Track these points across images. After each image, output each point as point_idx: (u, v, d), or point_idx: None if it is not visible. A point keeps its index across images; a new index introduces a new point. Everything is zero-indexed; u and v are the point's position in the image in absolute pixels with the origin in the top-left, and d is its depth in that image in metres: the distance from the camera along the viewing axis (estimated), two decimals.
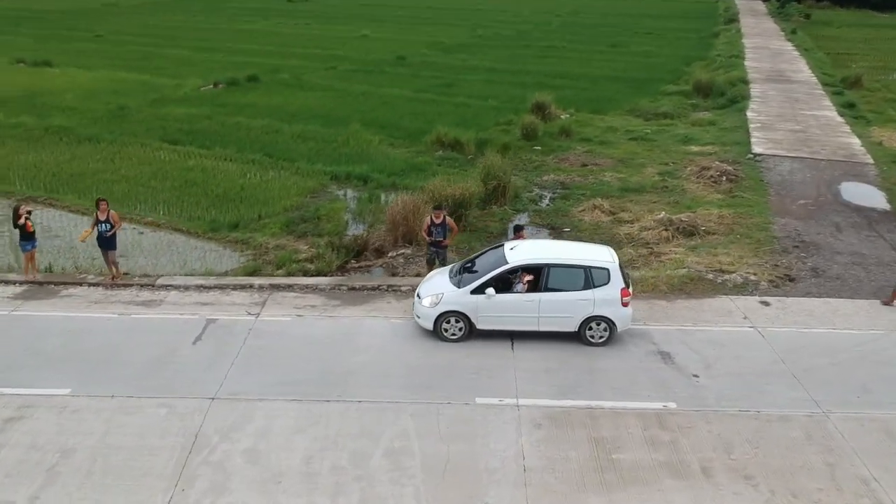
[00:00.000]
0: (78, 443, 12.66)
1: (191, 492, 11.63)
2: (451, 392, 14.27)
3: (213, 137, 33.07)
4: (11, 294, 17.82)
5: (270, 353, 15.48)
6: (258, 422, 13.31)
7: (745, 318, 17.38)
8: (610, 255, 16.16)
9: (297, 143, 33.11)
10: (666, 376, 15.04)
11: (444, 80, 47.45)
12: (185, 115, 36.86)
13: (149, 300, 17.63)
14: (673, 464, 12.54)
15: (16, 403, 13.65)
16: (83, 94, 41.17)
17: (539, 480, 12.05)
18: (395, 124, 36.04)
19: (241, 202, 25.91)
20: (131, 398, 13.88)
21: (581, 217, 25.44)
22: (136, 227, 24.02)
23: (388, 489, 11.79)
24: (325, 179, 28.78)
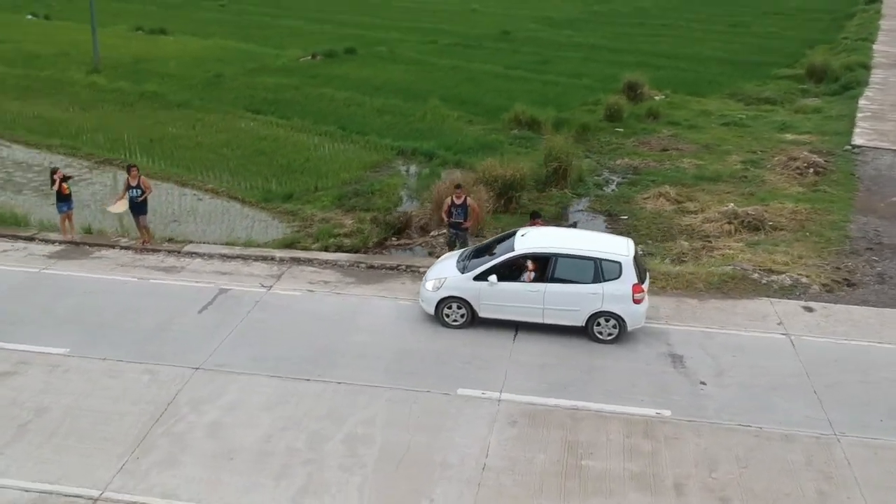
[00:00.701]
0: (55, 402, 12.99)
1: (143, 461, 11.73)
2: (435, 380, 13.82)
3: (294, 108, 33.47)
4: (48, 252, 18.53)
5: (269, 327, 15.45)
6: (231, 395, 13.28)
7: (780, 324, 16.02)
8: (625, 248, 15.19)
9: (374, 116, 33.04)
10: (669, 381, 14.05)
11: (542, 56, 46.36)
12: (274, 85, 37.46)
13: (171, 266, 17.95)
14: (645, 476, 11.67)
15: (14, 359, 14.15)
16: (187, 61, 42.51)
17: (494, 481, 11.48)
18: (477, 101, 35.45)
19: (303, 173, 26.08)
20: (121, 362, 14.13)
21: (644, 205, 24.27)
22: (197, 194, 24.56)
23: (334, 476, 11.51)
24: (390, 154, 28.60)
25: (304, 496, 11.14)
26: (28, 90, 35.91)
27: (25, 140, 29.29)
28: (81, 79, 37.93)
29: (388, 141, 29.65)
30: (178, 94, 35.38)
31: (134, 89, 36.03)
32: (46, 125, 30.71)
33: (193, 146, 28.74)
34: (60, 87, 36.49)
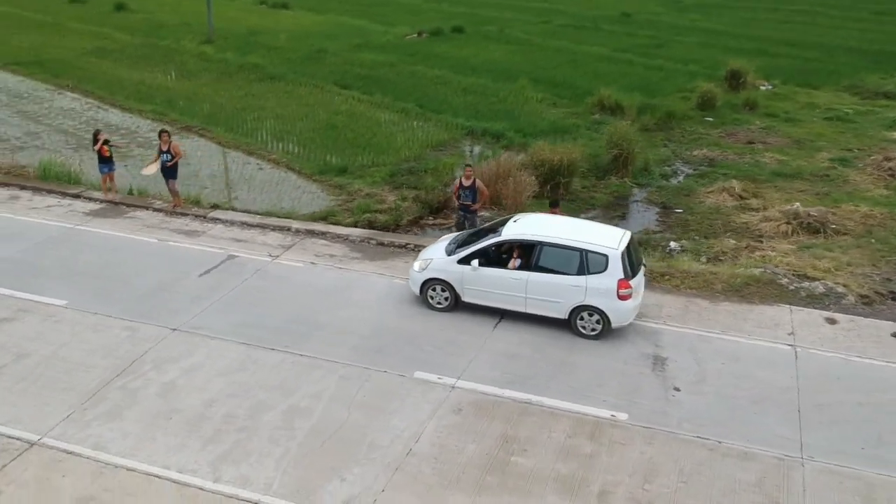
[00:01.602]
0: (36, 349, 13.78)
1: (90, 412, 12.27)
2: (398, 361, 13.72)
3: (381, 84, 33.80)
4: (88, 210, 19.63)
5: (260, 295, 15.76)
6: (196, 358, 13.67)
7: (791, 334, 14.85)
8: (616, 241, 14.46)
9: (457, 95, 32.93)
10: (642, 384, 13.33)
11: (657, 40, 44.69)
12: (370, 62, 37.94)
13: (193, 230, 18.61)
14: (572, 480, 11.16)
15: (18, 306, 15.12)
16: (297, 35, 43.71)
17: (414, 468, 11.29)
18: (570, 83, 34.68)
19: (365, 148, 26.37)
20: (109, 318, 14.81)
21: (705, 199, 23.03)
22: (259, 164, 25.31)
23: (260, 445, 11.66)
24: (459, 133, 28.44)
25: (223, 462, 11.32)
26: (142, 58, 37.96)
27: (122, 104, 31.00)
28: (193, 48, 39.72)
29: (460, 120, 29.45)
30: (276, 67, 36.38)
31: (237, 60, 37.37)
32: (146, 91, 32.39)
33: (272, 117, 29.53)
34: (171, 56, 38.34)
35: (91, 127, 27.85)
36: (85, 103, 31.32)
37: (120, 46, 40.26)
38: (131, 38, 42.11)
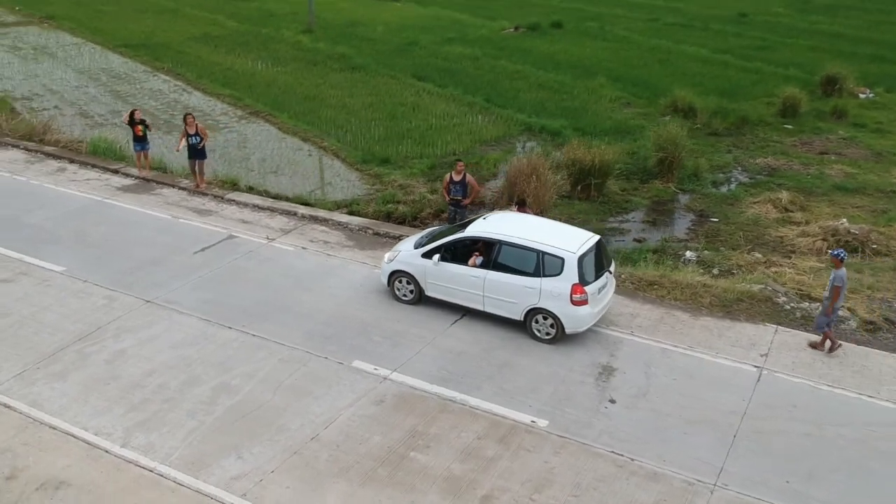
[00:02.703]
0: (19, 310, 14.88)
1: (40, 372, 13.17)
2: (342, 348, 13.93)
3: (457, 77, 33.99)
4: (121, 185, 20.87)
5: (240, 275, 16.34)
6: (155, 330, 14.36)
7: (764, 356, 14.03)
8: (577, 245, 14.07)
9: (530, 90, 32.73)
10: (577, 393, 12.98)
11: (765, 42, 42.67)
12: (456, 55, 38.17)
13: (207, 210, 19.45)
14: (461, 482, 11.06)
15: (20, 269, 16.34)
16: (394, 27, 44.45)
17: (312, 453, 11.51)
18: (651, 83, 33.74)
19: (417, 140, 26.71)
20: (95, 286, 15.77)
21: (747, 209, 21.97)
22: (311, 150, 26.15)
23: (177, 417, 12.17)
24: (517, 129, 28.24)
25: (137, 429, 11.89)
26: (241, 45, 39.67)
27: (205, 88, 32.59)
28: (290, 37, 41.14)
29: (522, 116, 29.26)
30: (362, 58, 37.18)
31: (327, 50, 38.46)
32: (232, 76, 33.89)
33: (339, 106, 30.27)
34: (267, 44, 39.86)
35: (172, 109, 29.50)
36: (174, 86, 33.06)
37: (225, 33, 42.18)
38: (238, 26, 44.02)
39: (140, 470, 11.13)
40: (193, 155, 19.87)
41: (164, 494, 10.69)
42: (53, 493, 10.66)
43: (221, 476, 11.01)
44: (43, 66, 35.66)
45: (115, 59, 37.33)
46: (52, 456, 11.36)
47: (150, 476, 11.02)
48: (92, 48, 39.28)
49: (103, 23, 43.99)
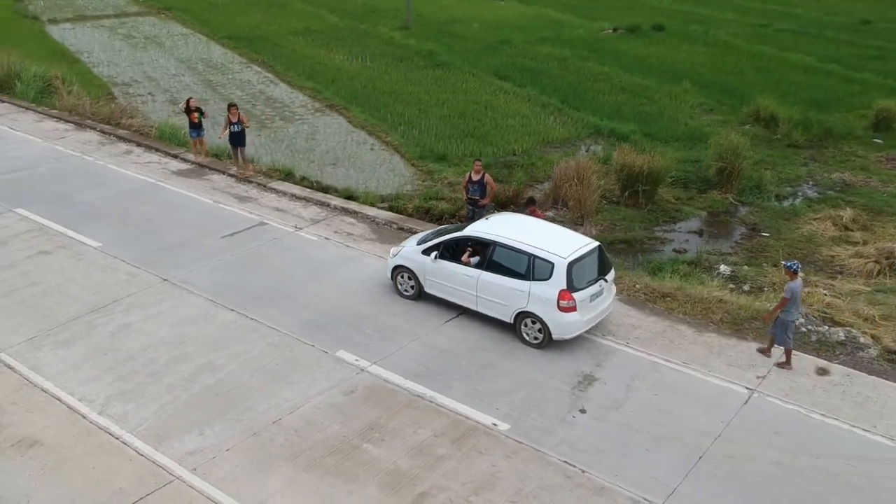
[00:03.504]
0: (48, 280, 15.98)
1: (49, 339, 14.11)
2: (330, 338, 14.25)
3: (539, 77, 33.82)
4: (176, 169, 21.96)
5: (258, 261, 16.93)
6: (162, 307, 15.12)
7: (760, 378, 13.46)
8: (570, 250, 13.87)
9: (609, 93, 32.23)
10: (549, 399, 12.85)
11: (880, 52, 40.32)
12: (544, 55, 37.95)
13: (247, 196, 20.22)
14: (404, 476, 11.19)
15: (60, 243, 17.52)
16: (491, 25, 44.54)
17: (270, 435, 11.89)
18: (739, 91, 32.55)
19: (479, 138, 26.84)
20: (122, 262, 16.74)
21: (804, 225, 21.02)
22: (374, 144, 26.67)
23: (156, 391, 12.80)
24: (585, 132, 27.94)
25: (116, 397, 12.60)
26: (336, 40, 40.71)
27: (291, 80, 33.67)
28: (384, 33, 41.91)
29: (594, 119, 28.84)
30: (448, 55, 37.48)
31: (416, 47, 38.97)
32: (318, 70, 34.87)
33: (413, 102, 30.67)
34: (361, 39, 40.76)
35: (255, 100, 30.66)
36: (263, 77, 34.32)
37: (325, 28, 43.38)
38: (339, 21, 45.17)
39: (108, 437, 11.75)
40: (234, 141, 20.67)
41: (121, 461, 11.27)
42: (25, 451, 11.41)
43: (179, 450, 11.49)
44: (149, 54, 37.69)
45: (216, 49, 39.03)
46: (35, 416, 12.14)
47: (115, 443, 11.62)
48: (198, 39, 41.21)
49: (214, 15, 46.04)
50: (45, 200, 19.35)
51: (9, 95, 27.79)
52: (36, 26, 42.18)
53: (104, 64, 35.60)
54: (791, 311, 13.32)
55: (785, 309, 13.32)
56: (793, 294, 13.14)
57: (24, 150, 22.74)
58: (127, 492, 10.75)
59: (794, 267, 13.28)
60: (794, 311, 13.35)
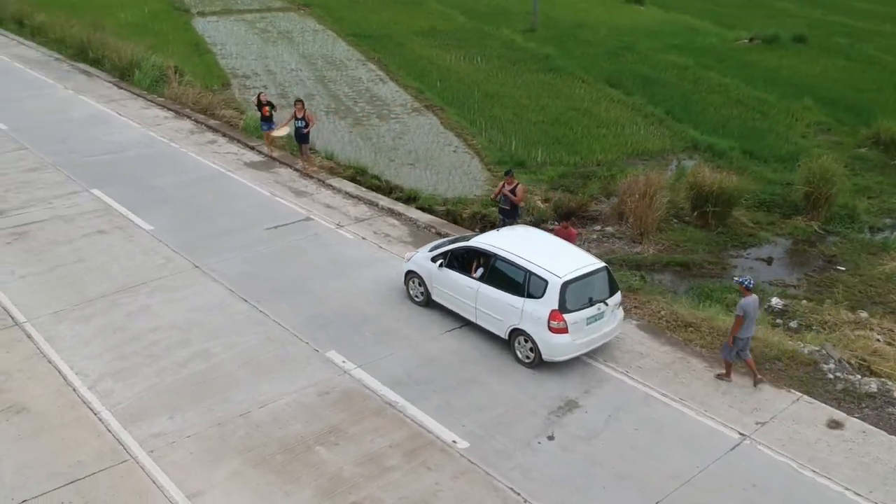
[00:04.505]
0: (94, 257, 17.04)
1: (73, 314, 15.01)
2: (326, 337, 14.40)
3: (652, 86, 32.76)
4: (249, 161, 22.82)
5: (291, 256, 17.33)
6: (184, 292, 15.78)
7: (759, 424, 12.50)
8: (568, 269, 13.34)
9: (721, 107, 30.91)
10: (521, 421, 12.46)
11: None
12: (665, 63, 36.70)
13: (304, 191, 20.75)
14: (343, 484, 11.19)
15: (118, 223, 18.62)
16: (620, 30, 43.45)
17: (233, 427, 12.16)
18: (867, 110, 30.27)
19: (565, 146, 26.43)
20: (165, 247, 17.59)
21: (888, 262, 19.39)
22: (457, 146, 26.70)
23: (147, 372, 13.35)
24: (680, 146, 26.91)
25: (109, 376, 13.26)
26: (457, 41, 40.93)
27: (398, 79, 34.22)
28: (506, 36, 41.74)
29: (694, 132, 27.70)
30: (564, 60, 36.93)
31: (534, 50, 38.63)
32: (427, 70, 35.18)
33: (512, 105, 30.42)
34: (482, 41, 40.78)
35: (359, 97, 31.37)
36: (374, 75, 35.05)
37: (450, 28, 43.70)
38: (466, 22, 45.39)
39: (88, 412, 12.38)
40: (298, 139, 21.16)
41: (90, 436, 11.85)
42: (11, 417, 12.22)
43: (146, 431, 11.96)
44: (277, 48, 39.26)
45: (340, 46, 40.15)
46: (33, 385, 12.98)
47: (92, 419, 12.24)
48: (327, 35, 42.55)
49: (349, 12, 47.32)
50: (121, 183, 20.57)
51: (127, 83, 29.65)
52: (183, 18, 44.81)
53: (232, 56, 37.34)
54: (744, 329, 12.71)
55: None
56: (744, 311, 12.59)
57: (122, 135, 24.27)
58: (83, 465, 11.27)
59: (745, 282, 12.77)
60: (747, 329, 12.78)
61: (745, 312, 12.61)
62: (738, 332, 12.74)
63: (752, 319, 12.77)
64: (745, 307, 12.65)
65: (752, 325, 12.92)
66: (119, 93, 28.63)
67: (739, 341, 12.87)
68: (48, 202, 19.43)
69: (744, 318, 12.61)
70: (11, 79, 30.22)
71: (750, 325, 12.81)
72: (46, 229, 18.04)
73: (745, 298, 12.73)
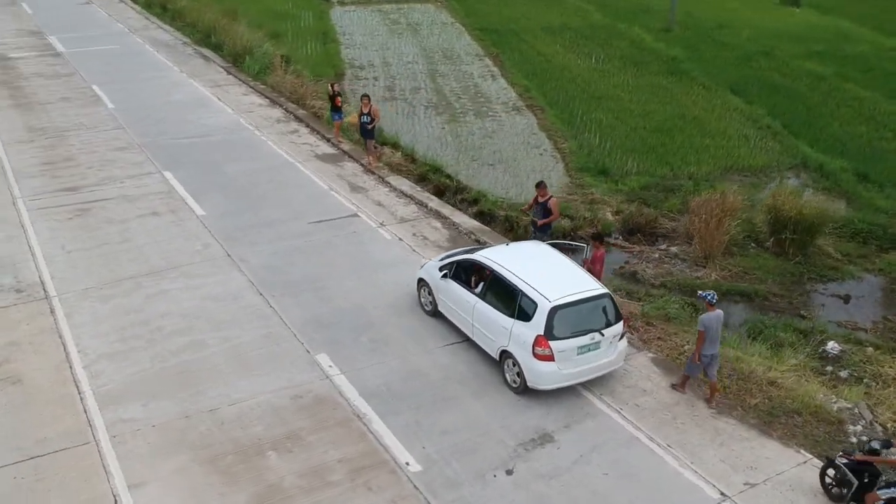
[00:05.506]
0: (138, 239, 17.60)
1: (98, 292, 15.58)
2: (323, 339, 14.23)
3: (778, 96, 30.81)
4: (320, 153, 23.02)
5: (323, 251, 17.27)
6: (206, 279, 16.05)
7: (748, 485, 11.29)
8: (560, 294, 12.50)
9: (850, 122, 28.83)
10: (484, 450, 11.82)
11: None
12: (801, 71, 34.25)
13: (361, 187, 20.70)
14: (280, 494, 10.99)
15: (174, 206, 19.20)
16: (763, 33, 40.87)
17: (196, 422, 12.21)
18: None
19: (658, 156, 25.27)
20: (207, 232, 17.99)
21: None
22: (545, 149, 26.01)
23: (140, 357, 13.66)
24: (788, 162, 25.07)
25: (106, 357, 13.65)
26: (584, 38, 39.76)
27: (509, 77, 33.61)
28: (637, 34, 40.18)
29: (809, 150, 25.71)
30: (690, 63, 35.16)
31: (661, 51, 36.98)
32: (541, 69, 34.34)
33: (617, 109, 29.28)
34: (609, 40, 39.44)
35: (463, 93, 31.11)
36: (486, 71, 34.62)
37: (581, 25, 42.52)
38: (600, 19, 44.08)
39: (74, 390, 12.82)
40: (363, 134, 21.09)
41: (66, 413, 12.27)
42: (6, 387, 12.85)
43: (117, 416, 12.25)
44: (401, 40, 39.54)
45: (464, 40, 39.92)
46: (37, 359, 13.59)
47: (75, 397, 12.66)
48: (454, 29, 42.43)
49: (482, 5, 46.95)
50: (192, 167, 21.25)
51: (237, 69, 30.69)
52: (323, 7, 45.92)
53: (356, 46, 37.92)
54: (706, 345, 12.19)
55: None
56: (705, 326, 12.11)
57: (214, 119, 25.12)
58: (47, 442, 11.66)
59: (709, 298, 12.30)
60: (710, 345, 12.24)
61: (705, 328, 12.12)
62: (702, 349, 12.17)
63: (715, 335, 12.26)
64: (706, 322, 12.16)
65: (717, 342, 12.39)
66: (226, 78, 29.64)
67: (704, 358, 12.21)
68: (120, 181, 20.30)
69: (705, 332, 12.02)
70: (138, 60, 31.96)
71: (713, 343, 12.29)
72: (108, 208, 18.84)
73: (708, 314, 12.25)
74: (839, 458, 10.68)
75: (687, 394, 12.79)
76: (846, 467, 10.42)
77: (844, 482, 10.44)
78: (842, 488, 10.52)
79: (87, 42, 34.60)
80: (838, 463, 10.57)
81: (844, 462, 10.51)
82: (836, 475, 10.63)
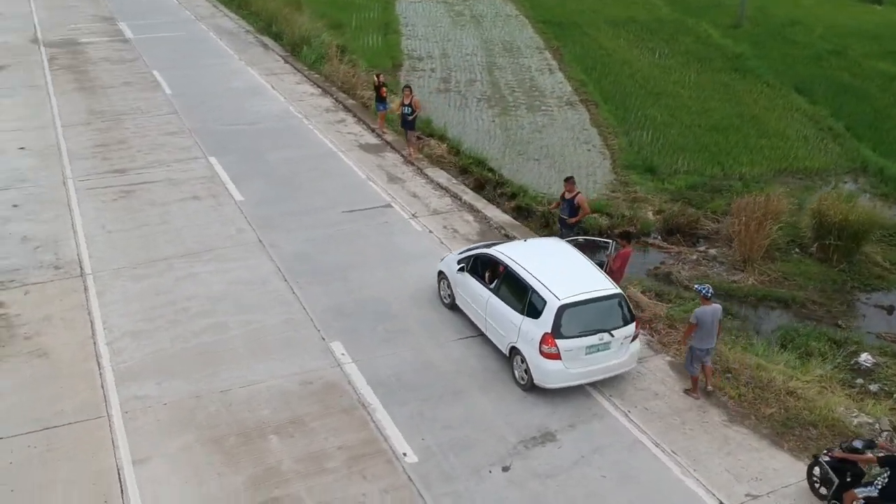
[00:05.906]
0: (176, 222, 18.01)
1: (131, 272, 16.03)
2: (339, 327, 14.33)
3: (843, 97, 29.98)
4: (364, 142, 23.17)
5: (352, 241, 17.37)
6: (236, 264, 16.34)
7: (749, 497, 11.01)
8: (571, 292, 12.36)
9: None
10: (485, 445, 11.77)
11: None
12: (874, 72, 33.17)
13: (399, 177, 20.79)
14: (275, 477, 11.16)
15: (214, 191, 19.59)
16: (838, 31, 39.69)
17: (208, 401, 12.45)
18: None
19: (711, 156, 24.87)
20: (243, 218, 18.34)
21: None
22: (593, 146, 25.74)
23: (162, 336, 14.02)
24: (846, 166, 24.32)
25: (130, 334, 14.05)
26: (649, 32, 39.13)
27: (566, 71, 33.33)
28: (704, 30, 39.35)
29: (870, 153, 24.87)
30: (756, 60, 34.30)
31: (727, 48, 36.21)
32: (601, 63, 33.92)
33: (673, 106, 28.77)
34: (675, 35, 38.72)
35: (518, 87, 31.00)
36: (544, 65, 34.39)
37: (647, 19, 41.83)
38: (668, 13, 43.30)
39: (95, 366, 13.26)
40: (404, 125, 21.17)
41: (85, 388, 12.70)
42: (33, 360, 13.38)
43: (132, 392, 12.62)
44: (463, 32, 39.52)
45: (526, 33, 39.69)
46: (66, 333, 14.11)
47: (95, 372, 13.10)
48: (517, 21, 42.22)
49: None
50: (238, 153, 21.68)
51: (294, 58, 31.14)
52: None
53: (416, 37, 38.07)
54: (700, 339, 12.18)
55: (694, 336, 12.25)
56: (699, 320, 12.08)
57: (265, 107, 25.57)
58: (63, 414, 12.09)
59: (704, 291, 12.21)
60: (705, 340, 12.20)
61: (698, 321, 12.13)
62: (693, 341, 12.29)
63: (709, 330, 12.21)
64: (700, 316, 12.17)
65: (712, 336, 12.34)
66: (283, 67, 30.10)
67: (698, 352, 12.23)
68: (167, 165, 20.84)
69: (698, 326, 12.11)
70: (201, 47, 32.73)
71: (708, 337, 12.28)
72: (152, 191, 19.37)
73: (703, 307, 12.23)
74: (823, 455, 10.40)
75: (700, 399, 12.45)
76: (828, 465, 10.14)
77: (826, 480, 10.17)
78: (825, 486, 10.25)
79: (154, 28, 35.57)
80: (821, 461, 10.29)
81: (826, 460, 10.23)
82: (820, 473, 10.34)
